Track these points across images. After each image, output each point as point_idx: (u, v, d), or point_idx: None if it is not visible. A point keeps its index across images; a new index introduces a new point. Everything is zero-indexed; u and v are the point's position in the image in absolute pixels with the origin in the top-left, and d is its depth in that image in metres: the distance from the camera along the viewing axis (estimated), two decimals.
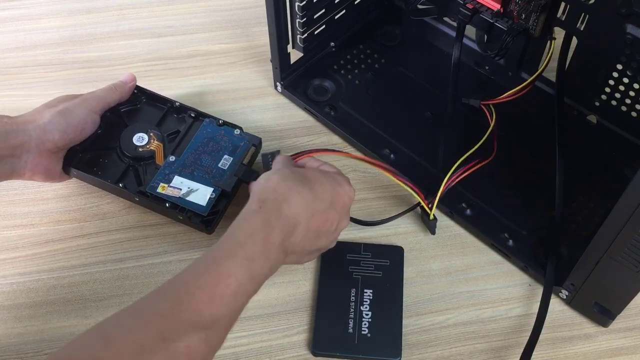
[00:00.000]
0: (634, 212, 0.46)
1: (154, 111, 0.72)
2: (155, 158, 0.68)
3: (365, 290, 0.62)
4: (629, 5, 0.57)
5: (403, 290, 0.63)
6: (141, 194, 0.65)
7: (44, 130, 0.62)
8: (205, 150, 0.68)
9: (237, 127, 0.70)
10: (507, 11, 0.64)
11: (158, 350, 0.43)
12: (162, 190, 0.65)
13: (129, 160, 0.68)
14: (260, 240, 0.50)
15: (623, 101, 0.66)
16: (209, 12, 0.89)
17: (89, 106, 0.66)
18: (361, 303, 0.62)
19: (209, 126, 0.70)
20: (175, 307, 0.45)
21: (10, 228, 0.68)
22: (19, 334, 0.61)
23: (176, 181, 0.65)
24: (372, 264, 0.64)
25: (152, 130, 0.69)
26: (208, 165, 0.67)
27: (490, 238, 0.65)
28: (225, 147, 0.69)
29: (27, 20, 0.89)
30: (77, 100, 0.66)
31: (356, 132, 0.73)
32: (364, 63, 0.80)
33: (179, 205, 0.64)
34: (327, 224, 0.55)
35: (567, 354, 0.60)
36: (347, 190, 0.57)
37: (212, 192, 0.65)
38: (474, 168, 0.65)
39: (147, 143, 0.68)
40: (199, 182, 0.65)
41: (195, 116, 0.71)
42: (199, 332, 0.44)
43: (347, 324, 0.60)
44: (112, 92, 0.69)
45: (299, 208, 0.52)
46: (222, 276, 0.47)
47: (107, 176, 0.67)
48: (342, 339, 0.60)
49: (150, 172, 0.67)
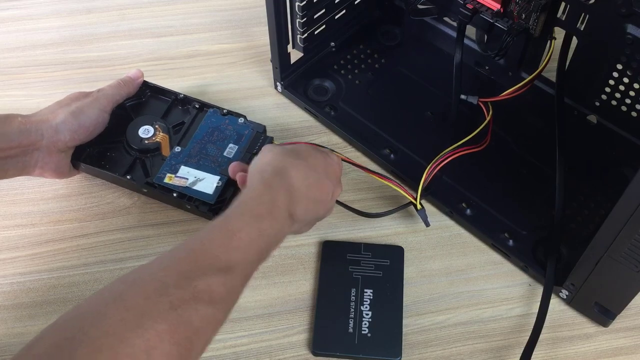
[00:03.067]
0: (634, 212, 0.46)
1: (159, 104, 0.73)
2: (161, 150, 0.69)
3: (365, 290, 0.62)
4: (629, 5, 0.57)
5: (403, 290, 0.63)
6: (149, 185, 0.66)
7: (56, 130, 0.63)
8: (210, 139, 0.69)
9: (241, 116, 0.71)
10: (507, 11, 0.64)
11: (180, 285, 0.44)
12: (169, 181, 0.66)
13: (135, 152, 0.69)
14: (266, 202, 0.52)
15: (623, 101, 0.66)
16: (209, 12, 0.89)
17: (100, 106, 0.66)
18: (361, 303, 0.62)
19: (213, 116, 0.71)
20: (192, 255, 0.47)
21: (10, 228, 0.68)
22: (19, 334, 0.61)
23: (182, 171, 0.66)
24: (372, 264, 0.64)
25: (158, 122, 0.70)
26: (214, 154, 0.68)
27: (490, 238, 0.65)
28: (230, 135, 0.69)
29: (27, 20, 0.89)
30: (89, 100, 0.66)
31: (356, 132, 0.73)
32: (364, 63, 0.80)
33: (186, 195, 0.65)
34: (324, 192, 0.57)
35: (567, 354, 0.60)
36: (337, 160, 0.61)
37: (218, 181, 0.66)
38: (460, 153, 0.66)
39: (152, 135, 0.69)
40: (205, 171, 0.66)
41: (199, 107, 0.72)
42: (217, 275, 0.46)
43: (347, 324, 0.60)
44: (121, 89, 0.69)
45: (298, 178, 0.55)
46: (234, 231, 0.49)
47: (115, 169, 0.68)
48: (342, 339, 0.60)
49: (157, 163, 0.68)
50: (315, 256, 0.66)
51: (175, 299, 0.43)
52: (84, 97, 0.66)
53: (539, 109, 0.74)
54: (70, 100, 0.66)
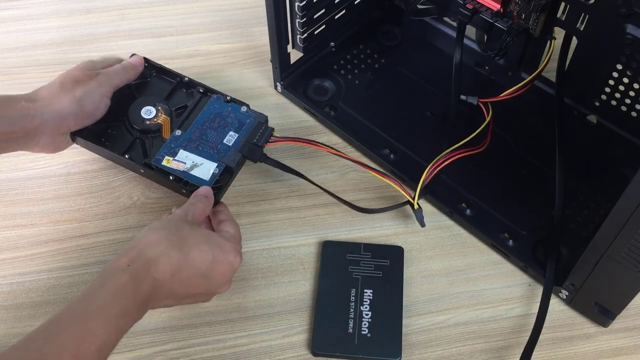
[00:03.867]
0: (634, 212, 0.46)
1: (164, 85, 0.73)
2: (162, 132, 0.68)
3: (365, 290, 0.62)
4: (629, 5, 0.57)
5: (403, 290, 0.63)
6: (146, 166, 0.66)
7: (59, 115, 0.63)
8: (211, 126, 0.69)
9: (244, 104, 0.70)
10: (507, 11, 0.64)
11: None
12: (167, 164, 0.65)
13: (136, 132, 0.68)
14: (127, 297, 0.49)
15: (623, 101, 0.66)
16: (209, 12, 0.89)
17: (104, 92, 0.66)
18: (361, 303, 0.62)
19: (217, 102, 0.71)
20: None
21: (10, 228, 0.68)
22: (19, 334, 0.61)
23: (181, 155, 0.66)
24: (372, 264, 0.64)
25: (160, 103, 0.70)
26: (213, 140, 0.68)
27: (490, 238, 0.65)
28: (231, 123, 0.69)
29: (27, 20, 0.89)
30: (93, 85, 0.65)
31: (356, 132, 0.73)
32: (364, 63, 0.80)
33: (183, 179, 0.65)
34: (194, 289, 0.55)
35: (567, 354, 0.60)
36: (231, 259, 0.56)
37: (215, 168, 0.65)
38: (458, 156, 0.65)
39: (154, 116, 0.69)
40: (203, 157, 0.66)
41: (203, 92, 0.72)
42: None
43: (347, 324, 0.60)
44: (123, 75, 0.69)
45: (165, 273, 0.52)
46: (87, 336, 0.46)
47: (114, 148, 0.67)
48: (342, 339, 0.60)
49: (157, 145, 0.67)
50: (315, 256, 0.66)
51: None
52: (88, 79, 0.65)
53: (539, 109, 0.74)
54: (73, 82, 0.65)
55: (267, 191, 0.71)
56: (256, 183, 0.72)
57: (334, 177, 0.72)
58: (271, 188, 0.71)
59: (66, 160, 0.73)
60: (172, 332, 0.61)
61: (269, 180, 0.72)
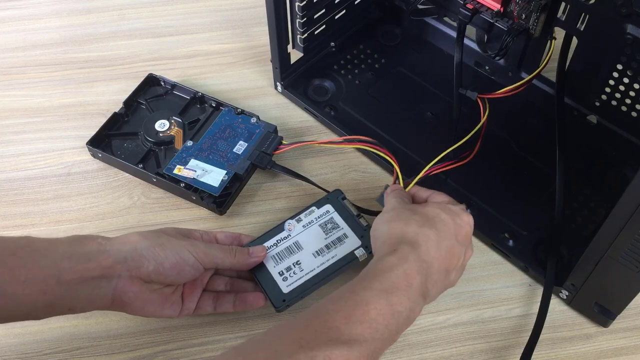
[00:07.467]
0: (634, 212, 0.46)
1: (178, 100, 0.77)
2: (175, 143, 0.72)
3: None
4: (629, 5, 0.57)
5: None
6: (159, 175, 0.69)
7: (140, 255, 0.54)
8: (222, 136, 0.72)
9: (253, 116, 0.74)
10: (507, 11, 0.64)
11: (295, 355, 0.41)
12: (178, 172, 0.69)
13: (150, 144, 0.72)
14: (399, 275, 0.48)
15: (623, 101, 0.66)
16: (209, 12, 0.89)
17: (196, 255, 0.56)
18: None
19: (227, 114, 0.74)
20: (312, 324, 0.44)
21: (10, 228, 0.68)
22: (19, 334, 0.60)
23: (192, 163, 0.69)
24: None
25: (174, 117, 0.74)
26: (223, 150, 0.71)
27: (490, 238, 0.65)
28: (241, 133, 0.72)
29: (27, 20, 0.89)
30: (185, 242, 0.57)
31: (356, 132, 0.73)
32: (364, 63, 0.80)
33: (193, 186, 0.68)
34: (455, 260, 0.53)
35: (567, 354, 0.60)
36: (467, 220, 0.55)
37: (224, 175, 0.68)
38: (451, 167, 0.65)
39: (167, 129, 0.73)
40: (213, 165, 0.69)
41: (215, 106, 0.76)
42: (339, 347, 0.42)
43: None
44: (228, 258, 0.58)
45: (430, 251, 0.51)
46: (360, 303, 0.45)
47: (130, 159, 0.71)
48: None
49: (169, 155, 0.71)
50: None
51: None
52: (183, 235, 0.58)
53: (539, 109, 0.74)
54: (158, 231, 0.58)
55: (272, 191, 0.71)
56: (259, 183, 0.72)
57: (335, 177, 0.72)
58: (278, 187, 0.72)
59: (66, 160, 0.73)
60: (173, 332, 0.61)
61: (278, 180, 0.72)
